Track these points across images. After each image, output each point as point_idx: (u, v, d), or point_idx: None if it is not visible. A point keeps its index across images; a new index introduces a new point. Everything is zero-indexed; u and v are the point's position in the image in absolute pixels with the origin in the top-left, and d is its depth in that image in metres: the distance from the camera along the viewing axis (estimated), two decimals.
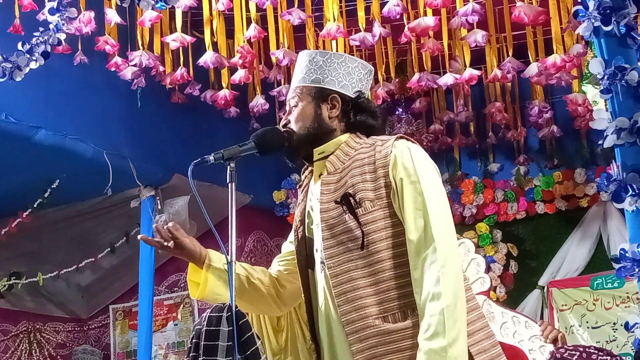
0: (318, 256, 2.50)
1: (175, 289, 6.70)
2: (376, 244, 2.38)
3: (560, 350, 3.43)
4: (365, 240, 2.37)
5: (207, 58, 5.12)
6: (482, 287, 4.05)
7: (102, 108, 5.40)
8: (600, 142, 2.77)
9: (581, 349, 3.38)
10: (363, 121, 2.57)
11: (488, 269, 5.25)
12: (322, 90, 2.57)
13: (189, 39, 5.05)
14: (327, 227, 2.44)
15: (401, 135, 2.52)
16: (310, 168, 2.62)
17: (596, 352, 3.33)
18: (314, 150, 2.56)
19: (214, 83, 5.76)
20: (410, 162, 2.40)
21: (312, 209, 2.56)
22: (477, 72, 5.18)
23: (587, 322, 6.00)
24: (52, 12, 4.20)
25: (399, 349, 2.32)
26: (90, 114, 5.31)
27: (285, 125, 2.59)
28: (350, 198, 2.40)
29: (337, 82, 2.57)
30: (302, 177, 2.68)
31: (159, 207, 5.69)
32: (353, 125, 2.57)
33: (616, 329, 5.84)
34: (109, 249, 6.24)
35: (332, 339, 2.46)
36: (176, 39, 5.00)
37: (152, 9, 4.50)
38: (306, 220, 2.59)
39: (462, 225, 6.35)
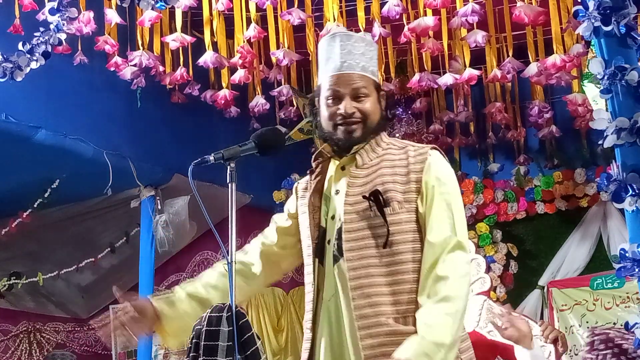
0: (330, 248, 2.49)
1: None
2: (399, 246, 2.40)
3: (595, 330, 3.47)
4: (389, 239, 2.39)
5: (207, 58, 5.11)
6: (482, 287, 4.05)
7: (102, 108, 5.40)
8: (600, 142, 2.77)
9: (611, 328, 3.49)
10: (390, 117, 2.63)
11: (488, 269, 5.25)
12: (378, 86, 2.57)
13: (189, 39, 5.05)
14: (350, 220, 2.44)
15: (434, 146, 2.54)
16: (327, 156, 2.59)
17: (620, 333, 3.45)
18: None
19: (214, 83, 5.76)
20: (444, 173, 2.46)
21: (328, 199, 2.55)
22: (477, 72, 5.18)
23: (587, 322, 6.00)
24: (52, 12, 4.20)
25: None
26: (90, 114, 5.31)
27: (352, 115, 2.49)
28: (380, 196, 2.41)
29: (378, 76, 2.59)
30: (314, 163, 2.62)
31: (159, 207, 5.69)
32: (388, 121, 2.62)
33: None
34: (109, 249, 6.24)
35: (340, 330, 2.45)
36: (176, 39, 5.00)
37: (152, 9, 4.50)
38: (322, 209, 2.57)
39: None
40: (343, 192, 2.49)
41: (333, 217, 2.50)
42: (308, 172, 2.65)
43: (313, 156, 2.62)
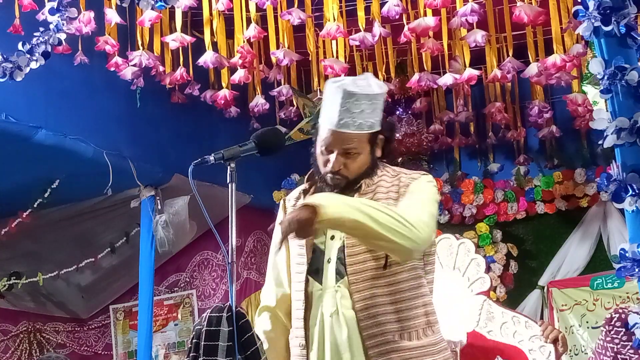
0: (331, 267, 2.60)
1: (175, 289, 6.69)
2: (397, 266, 2.55)
3: (619, 310, 3.45)
4: (388, 260, 2.53)
5: (207, 58, 5.11)
6: (482, 287, 4.05)
7: (102, 108, 5.39)
8: (600, 142, 2.77)
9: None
10: (390, 151, 2.75)
11: (488, 269, 5.24)
12: (376, 135, 2.66)
13: (188, 39, 5.05)
14: (352, 244, 2.56)
15: (426, 172, 2.70)
16: (317, 182, 2.70)
17: None
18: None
19: (214, 83, 5.76)
20: (420, 182, 2.63)
21: None
22: (477, 72, 5.18)
23: (587, 322, 6.00)
24: (52, 12, 4.20)
25: None
26: (90, 114, 5.30)
27: (338, 172, 2.61)
28: None
29: (380, 123, 2.65)
30: (307, 184, 2.74)
31: (159, 207, 5.69)
32: (384, 155, 2.73)
33: None
34: (109, 249, 6.24)
35: (337, 345, 2.55)
36: (176, 39, 5.00)
37: (152, 8, 4.50)
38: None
39: (462, 225, 6.35)
40: None
41: (333, 238, 2.62)
42: (302, 191, 2.76)
43: (306, 176, 2.75)
